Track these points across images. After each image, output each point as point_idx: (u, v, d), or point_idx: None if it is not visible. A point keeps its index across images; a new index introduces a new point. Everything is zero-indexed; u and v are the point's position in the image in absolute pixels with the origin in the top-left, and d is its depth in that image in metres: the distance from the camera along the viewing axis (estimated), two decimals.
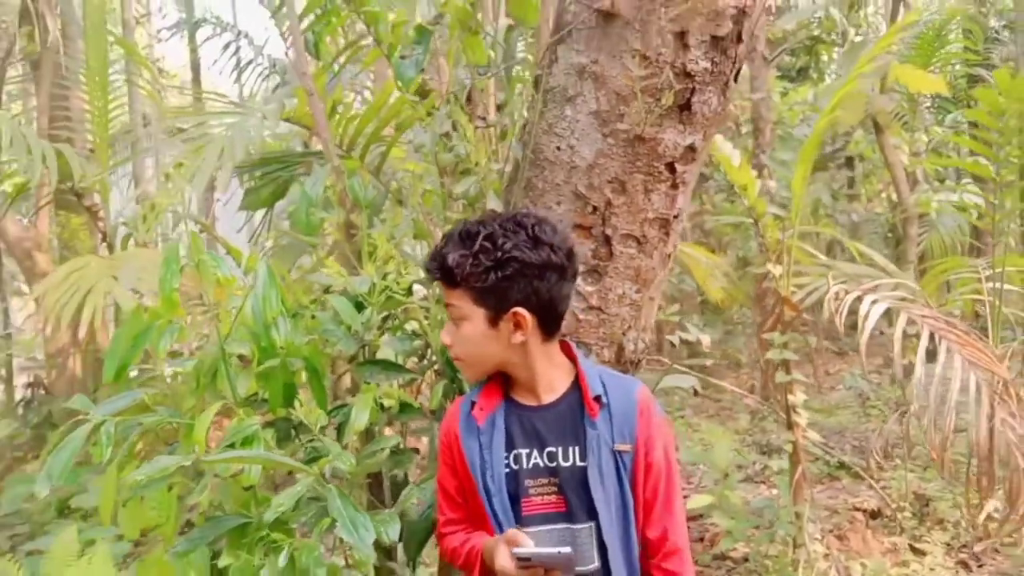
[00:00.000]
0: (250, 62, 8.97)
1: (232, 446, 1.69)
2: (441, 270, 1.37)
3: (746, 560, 3.91)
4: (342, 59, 4.64)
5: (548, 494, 1.39)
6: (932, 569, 3.71)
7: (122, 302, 3.95)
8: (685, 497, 4.43)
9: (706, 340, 2.59)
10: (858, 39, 10.82)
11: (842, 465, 5.07)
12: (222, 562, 1.89)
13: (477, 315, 1.36)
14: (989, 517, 3.59)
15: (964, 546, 4.02)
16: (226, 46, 9.02)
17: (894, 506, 4.29)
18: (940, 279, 4.80)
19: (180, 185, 2.84)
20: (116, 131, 7.19)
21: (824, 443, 5.42)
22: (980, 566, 3.87)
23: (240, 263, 5.38)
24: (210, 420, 1.72)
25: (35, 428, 6.32)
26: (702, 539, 4.27)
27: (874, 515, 4.39)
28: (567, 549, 1.27)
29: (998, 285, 4.31)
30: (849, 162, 9.84)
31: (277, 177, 4.54)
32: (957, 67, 9.32)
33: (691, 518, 4.49)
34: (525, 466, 1.40)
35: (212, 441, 2.36)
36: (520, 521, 1.38)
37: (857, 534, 4.06)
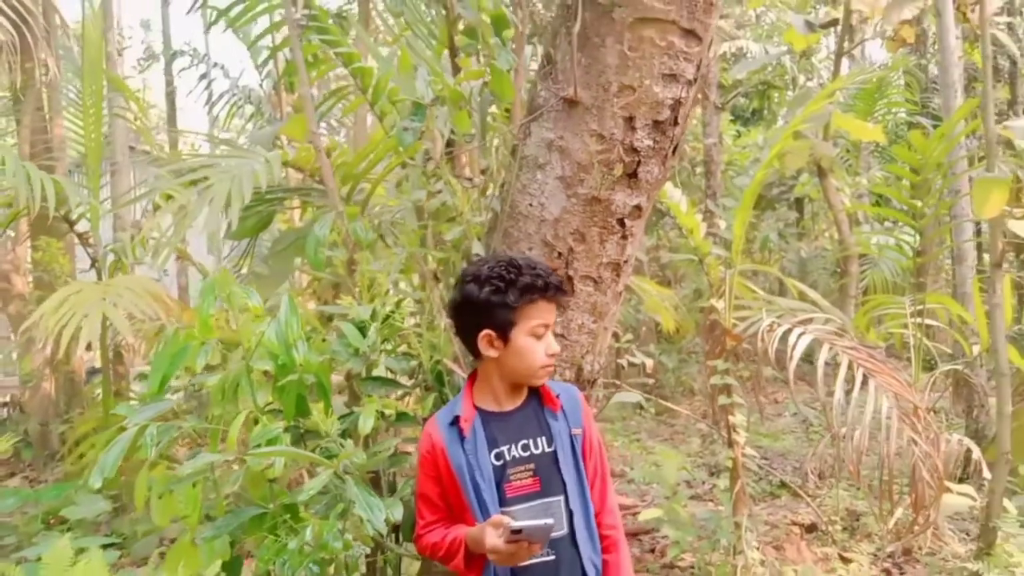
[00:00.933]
0: (224, 93, 9.33)
1: (258, 447, 2.07)
2: (560, 286, 1.78)
3: (692, 568, 4.33)
4: (324, 100, 5.10)
5: (525, 477, 1.78)
6: (857, 574, 4.17)
7: (118, 325, 4.25)
8: (637, 512, 4.87)
9: (649, 363, 3.02)
10: (810, 83, 11.56)
11: (783, 484, 5.54)
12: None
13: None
14: (899, 523, 4.07)
15: (889, 556, 4.50)
16: (201, 76, 9.38)
17: (827, 520, 4.76)
18: (871, 314, 5.31)
19: (189, 220, 3.19)
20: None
21: (767, 464, 5.92)
22: (902, 574, 4.34)
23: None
24: (240, 425, 2.09)
25: (13, 446, 6.52)
26: (653, 550, 4.69)
27: (810, 529, 4.86)
28: (550, 520, 1.64)
29: (920, 320, 4.85)
30: (799, 203, 10.49)
31: (260, 210, 4.91)
32: (900, 114, 10.05)
33: (643, 532, 4.92)
34: (508, 458, 1.78)
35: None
36: (503, 503, 1.75)
37: (793, 545, 4.50)
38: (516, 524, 1.59)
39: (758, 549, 4.08)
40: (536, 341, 1.76)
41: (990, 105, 4.14)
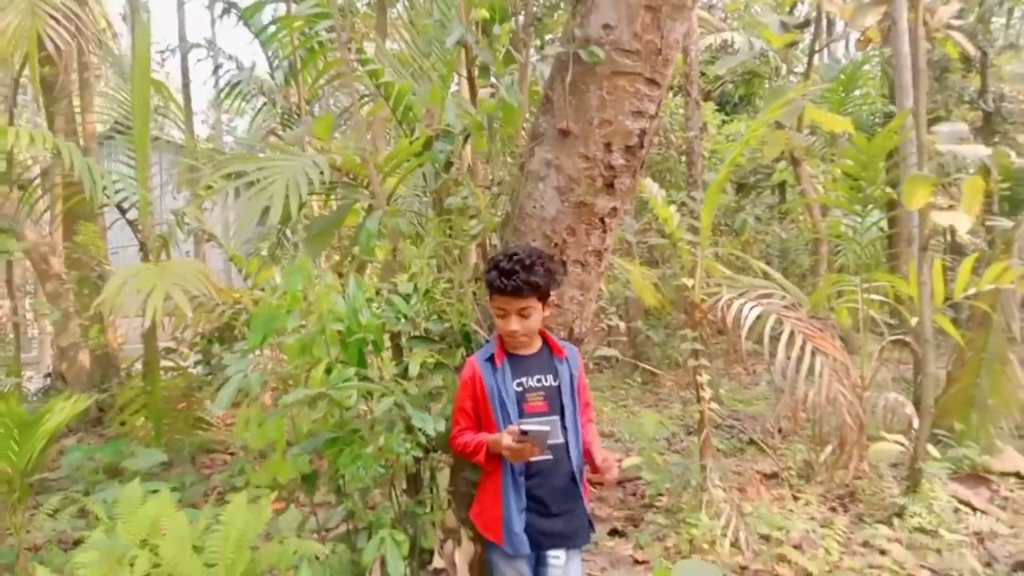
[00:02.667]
0: (237, 84, 10.07)
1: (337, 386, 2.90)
2: (529, 286, 2.55)
3: (667, 506, 5.20)
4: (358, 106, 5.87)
5: (538, 400, 2.63)
6: (805, 510, 5.05)
7: (179, 302, 5.04)
8: (620, 460, 5.74)
9: (622, 326, 3.85)
10: (795, 71, 12.33)
11: (751, 441, 6.43)
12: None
13: (538, 307, 2.61)
14: (826, 460, 4.95)
15: (837, 497, 5.38)
16: (216, 68, 10.13)
17: (784, 468, 5.64)
18: (828, 291, 6.16)
19: (251, 215, 3.98)
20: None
21: (739, 424, 6.79)
22: (846, 511, 5.22)
23: (241, 269, 6.69)
24: (324, 369, 2.92)
25: None
26: (635, 494, 5.57)
27: (770, 476, 5.75)
28: (547, 428, 2.47)
29: (868, 296, 5.71)
30: (781, 187, 11.32)
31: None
32: (875, 104, 10.88)
33: (627, 480, 5.79)
34: (526, 386, 2.63)
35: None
36: (522, 415, 2.60)
37: (754, 488, 5.39)
38: (524, 427, 2.43)
39: (722, 489, 4.95)
40: (500, 319, 2.63)
41: (922, 112, 4.97)
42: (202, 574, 3.72)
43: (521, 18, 3.97)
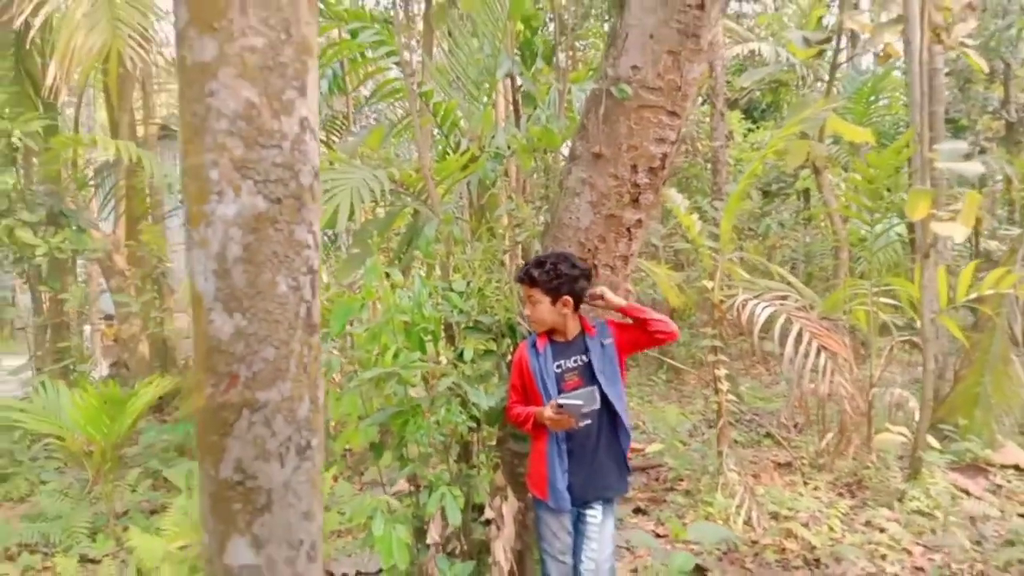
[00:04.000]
0: None
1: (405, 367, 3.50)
2: (528, 277, 3.19)
3: (687, 489, 5.77)
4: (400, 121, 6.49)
5: (575, 377, 3.20)
6: (814, 494, 5.58)
7: None
8: (644, 452, 6.30)
9: None
10: (825, 78, 12.78)
11: (768, 435, 6.97)
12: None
13: (545, 300, 3.19)
14: (827, 445, 5.49)
15: (845, 484, 5.91)
16: None
17: (797, 458, 6.17)
18: (845, 295, 6.68)
19: (323, 219, 4.61)
20: None
21: (758, 419, 7.33)
22: (853, 497, 5.75)
23: None
24: (392, 353, 3.52)
25: None
26: (658, 479, 6.13)
27: (784, 465, 6.28)
28: (580, 402, 3.01)
29: (879, 299, 6.23)
30: (807, 193, 11.81)
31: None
32: (899, 114, 11.33)
33: (651, 466, 6.36)
34: (564, 367, 3.21)
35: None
36: (561, 392, 3.17)
37: (768, 474, 5.93)
38: (560, 401, 3.01)
39: (737, 473, 5.50)
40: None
41: (925, 131, 5.49)
42: None
43: (555, 26, 4.56)
